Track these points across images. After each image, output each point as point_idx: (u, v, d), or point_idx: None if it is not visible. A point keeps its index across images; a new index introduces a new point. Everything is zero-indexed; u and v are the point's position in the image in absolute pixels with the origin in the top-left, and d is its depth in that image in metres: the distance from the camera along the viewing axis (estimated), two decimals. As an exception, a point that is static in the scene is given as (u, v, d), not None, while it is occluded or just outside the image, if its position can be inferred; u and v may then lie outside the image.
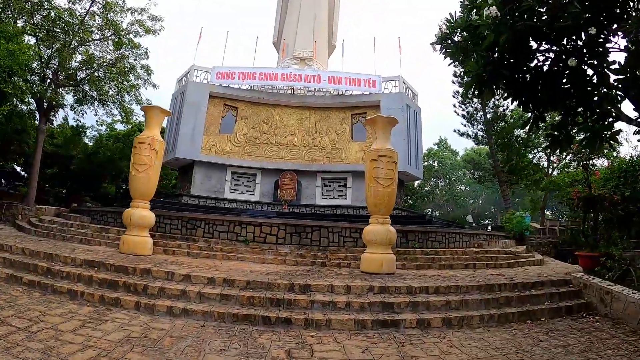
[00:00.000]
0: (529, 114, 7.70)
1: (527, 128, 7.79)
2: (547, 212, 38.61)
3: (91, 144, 37.71)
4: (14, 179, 36.79)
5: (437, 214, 55.74)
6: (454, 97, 33.19)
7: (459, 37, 7.69)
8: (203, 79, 24.51)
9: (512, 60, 7.17)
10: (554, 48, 6.98)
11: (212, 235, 12.77)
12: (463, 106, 32.93)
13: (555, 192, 30.49)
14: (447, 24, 7.67)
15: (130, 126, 34.17)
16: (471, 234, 16.58)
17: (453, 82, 32.72)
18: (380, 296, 7.68)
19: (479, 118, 32.38)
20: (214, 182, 23.75)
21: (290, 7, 30.52)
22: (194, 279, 7.93)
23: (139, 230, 11.13)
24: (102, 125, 34.98)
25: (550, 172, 33.86)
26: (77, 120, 27.27)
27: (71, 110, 25.93)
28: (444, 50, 7.93)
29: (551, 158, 32.69)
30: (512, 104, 8.51)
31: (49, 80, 22.63)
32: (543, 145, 33.90)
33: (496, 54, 7.27)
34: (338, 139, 24.35)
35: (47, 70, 22.80)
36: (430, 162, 51.94)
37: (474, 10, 7.09)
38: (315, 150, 24.31)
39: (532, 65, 7.22)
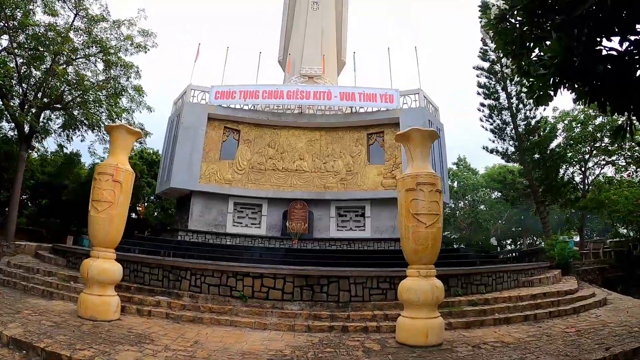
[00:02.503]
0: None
1: (619, 137, 5.82)
2: (572, 232, 36.13)
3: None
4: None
5: (456, 237, 53.33)
6: (479, 110, 30.41)
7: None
8: (201, 100, 22.21)
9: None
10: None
11: (201, 289, 9.99)
12: (491, 119, 30.08)
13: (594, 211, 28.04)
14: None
15: (131, 153, 32.04)
16: (518, 270, 14.17)
17: (478, 93, 30.07)
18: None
19: (509, 132, 29.53)
20: (214, 215, 21.24)
21: (296, 22, 28.82)
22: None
23: (100, 288, 8.46)
24: (104, 152, 32.83)
25: (585, 188, 31.16)
26: (63, 146, 25.07)
27: (57, 135, 23.70)
28: (498, 37, 5.97)
29: (623, 174, 30.16)
30: (586, 105, 6.10)
31: (28, 104, 20.42)
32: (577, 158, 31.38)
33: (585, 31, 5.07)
34: (353, 163, 21.83)
35: (29, 92, 20.66)
36: (450, 183, 49.18)
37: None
38: (328, 175, 21.79)
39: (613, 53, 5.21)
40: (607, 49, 5.16)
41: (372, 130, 22.18)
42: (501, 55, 6.60)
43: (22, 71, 20.45)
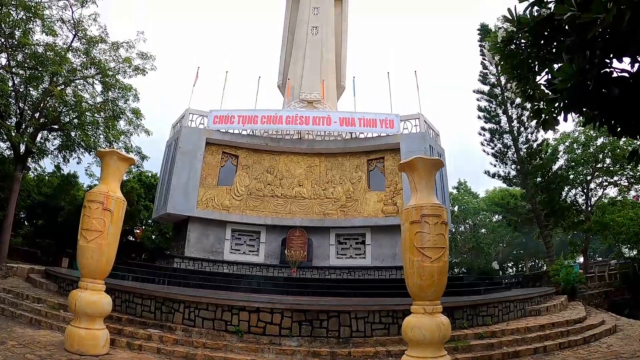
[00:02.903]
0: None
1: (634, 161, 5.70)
2: (575, 254, 35.91)
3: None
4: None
5: (457, 261, 52.87)
6: (480, 134, 30.28)
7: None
8: (199, 124, 22.12)
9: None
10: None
11: (195, 323, 9.54)
12: (492, 144, 29.91)
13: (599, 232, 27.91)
14: (511, 20, 5.32)
15: (129, 176, 32.28)
16: (525, 299, 13.64)
17: (479, 117, 29.99)
18: None
19: (510, 155, 29.39)
20: (211, 241, 20.92)
21: (296, 47, 29.02)
22: None
23: (88, 321, 7.98)
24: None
25: (589, 210, 30.91)
26: (60, 167, 24.88)
27: (52, 155, 23.42)
28: (505, 61, 5.71)
29: (627, 195, 30.02)
30: (595, 129, 5.91)
31: (25, 124, 20.21)
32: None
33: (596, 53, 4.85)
34: (353, 189, 21.63)
35: (26, 112, 20.48)
36: (450, 208, 48.88)
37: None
38: (328, 202, 21.56)
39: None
40: (618, 70, 4.96)
41: (372, 156, 22.04)
42: (506, 79, 6.44)
43: (19, 90, 20.26)
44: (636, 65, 4.87)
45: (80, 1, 20.87)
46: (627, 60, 4.93)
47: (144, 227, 39.57)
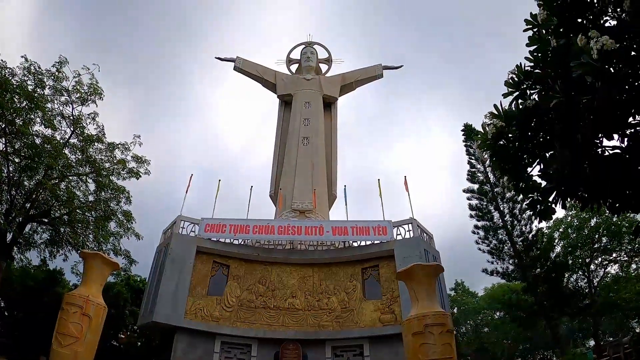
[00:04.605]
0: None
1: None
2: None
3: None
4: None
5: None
6: (474, 233, 30.49)
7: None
8: (190, 232, 21.99)
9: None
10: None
11: None
12: (487, 241, 29.98)
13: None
14: (498, 115, 5.44)
15: (117, 279, 31.60)
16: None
17: (471, 215, 30.46)
18: None
19: (507, 250, 29.33)
20: (199, 354, 19.77)
21: (287, 157, 29.70)
22: None
23: None
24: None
25: (593, 292, 30.36)
26: (46, 262, 24.47)
27: (39, 249, 22.96)
28: (496, 157, 5.79)
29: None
30: (591, 212, 5.89)
31: (15, 212, 19.98)
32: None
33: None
34: (348, 299, 21.05)
35: (17, 201, 20.46)
36: (450, 311, 47.53)
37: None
38: (322, 314, 20.85)
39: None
40: (609, 148, 5.07)
41: (366, 265, 21.83)
42: (497, 174, 6.50)
43: (13, 178, 20.32)
44: (625, 140, 4.98)
45: (81, 99, 21.60)
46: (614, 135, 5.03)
47: (129, 332, 38.05)
